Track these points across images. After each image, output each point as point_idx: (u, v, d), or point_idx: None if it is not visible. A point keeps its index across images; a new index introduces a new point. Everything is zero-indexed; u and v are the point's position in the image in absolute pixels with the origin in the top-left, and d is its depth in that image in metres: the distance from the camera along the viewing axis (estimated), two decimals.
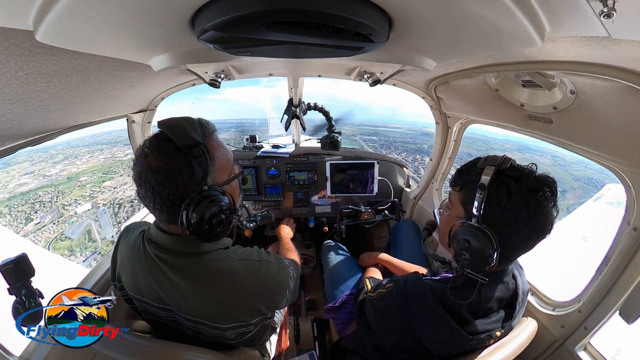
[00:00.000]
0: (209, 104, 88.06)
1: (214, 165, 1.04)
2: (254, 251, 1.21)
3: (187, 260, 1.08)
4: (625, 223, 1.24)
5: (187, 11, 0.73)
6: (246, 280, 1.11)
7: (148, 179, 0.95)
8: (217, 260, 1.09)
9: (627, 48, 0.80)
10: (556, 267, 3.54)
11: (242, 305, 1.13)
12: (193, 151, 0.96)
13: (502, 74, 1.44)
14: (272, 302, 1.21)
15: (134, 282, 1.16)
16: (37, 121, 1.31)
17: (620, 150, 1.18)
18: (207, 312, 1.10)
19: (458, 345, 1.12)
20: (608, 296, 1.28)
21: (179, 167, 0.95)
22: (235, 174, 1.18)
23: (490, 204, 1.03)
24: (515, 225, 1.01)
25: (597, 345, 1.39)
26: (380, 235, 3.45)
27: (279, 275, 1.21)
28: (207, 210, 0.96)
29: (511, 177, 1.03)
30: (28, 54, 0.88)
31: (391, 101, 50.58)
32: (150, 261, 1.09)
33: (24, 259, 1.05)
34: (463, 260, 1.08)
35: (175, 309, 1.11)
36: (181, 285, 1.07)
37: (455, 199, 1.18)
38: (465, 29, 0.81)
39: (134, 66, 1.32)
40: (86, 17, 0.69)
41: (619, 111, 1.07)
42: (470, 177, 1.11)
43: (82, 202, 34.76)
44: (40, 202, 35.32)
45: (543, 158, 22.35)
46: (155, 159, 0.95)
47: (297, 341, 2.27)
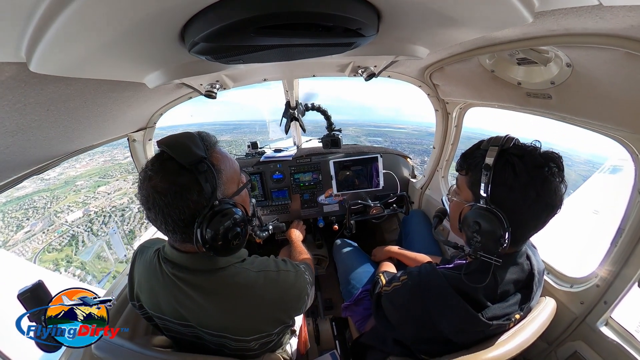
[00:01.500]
0: (213, 106, 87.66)
1: (221, 178, 1.02)
2: (271, 261, 1.20)
3: (205, 277, 1.07)
4: (636, 192, 1.23)
5: (176, 26, 0.73)
6: (266, 292, 1.11)
7: (156, 202, 0.93)
8: (235, 275, 1.09)
9: (620, 14, 0.79)
10: (570, 243, 3.51)
11: (263, 317, 1.13)
12: (198, 167, 0.93)
13: (496, 54, 1.43)
14: (293, 310, 1.21)
15: (154, 300, 1.16)
16: (40, 150, 1.32)
17: (622, 119, 1.17)
18: (229, 326, 1.10)
19: (478, 332, 1.11)
20: (625, 268, 1.26)
21: (186, 186, 0.93)
22: (244, 183, 1.16)
23: (496, 184, 1.02)
24: (524, 203, 1.00)
25: (619, 318, 1.37)
26: (391, 229, 3.44)
27: (298, 283, 1.20)
28: (221, 225, 0.95)
29: (515, 155, 1.02)
30: (24, 85, 0.89)
31: (394, 101, 50.06)
32: (168, 280, 1.09)
33: (41, 286, 1.06)
34: (475, 244, 1.07)
35: (197, 324, 1.10)
36: (201, 302, 1.07)
37: (463, 183, 1.17)
38: (454, 13, 0.81)
39: (129, 86, 1.33)
40: (76, 43, 0.70)
41: (618, 79, 1.05)
42: (475, 160, 1.11)
43: (74, 208, 33.81)
44: (34, 207, 34.68)
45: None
46: (161, 181, 0.93)
47: (317, 342, 2.27)
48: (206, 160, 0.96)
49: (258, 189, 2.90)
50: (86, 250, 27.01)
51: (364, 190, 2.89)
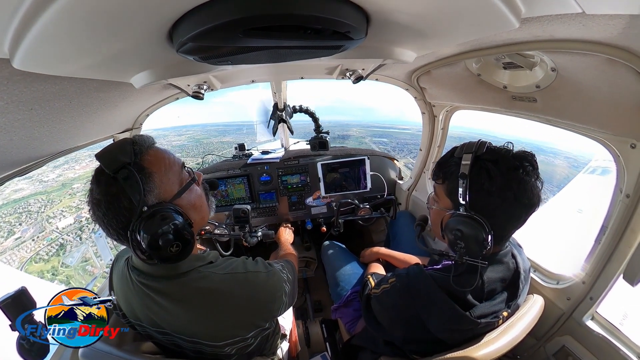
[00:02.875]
0: (215, 107, 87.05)
1: (152, 182, 0.98)
2: (240, 262, 1.15)
3: (168, 283, 1.04)
4: (618, 191, 1.26)
5: (164, 26, 0.73)
6: (232, 295, 1.07)
7: (96, 214, 0.95)
8: (199, 279, 1.05)
9: (601, 22, 0.82)
10: (556, 242, 3.58)
11: (233, 322, 1.09)
12: (120, 173, 0.92)
13: (483, 58, 1.46)
14: (267, 312, 1.17)
15: (130, 309, 1.13)
16: (23, 150, 1.29)
17: (605, 122, 1.20)
18: (199, 331, 1.07)
19: (467, 330, 1.13)
20: (609, 264, 1.30)
21: (115, 195, 0.92)
22: (186, 183, 1.10)
23: (474, 190, 1.04)
24: (503, 205, 1.03)
25: (604, 313, 1.42)
26: (378, 230, 3.46)
27: (269, 282, 1.16)
28: (153, 230, 0.91)
29: (489, 160, 1.04)
30: (7, 83, 0.86)
31: (396, 102, 50.28)
32: (137, 288, 1.07)
33: (24, 292, 1.02)
34: (460, 249, 1.09)
35: (171, 331, 1.08)
36: (170, 308, 1.04)
37: (440, 192, 1.20)
38: (442, 18, 0.82)
39: (116, 86, 1.31)
40: (62, 40, 0.68)
41: (600, 84, 1.09)
42: (450, 169, 1.13)
43: (67, 214, 32.53)
44: (28, 212, 33.38)
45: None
46: (96, 193, 0.94)
47: (308, 344, 2.27)
48: (129, 165, 0.94)
49: (245, 191, 2.88)
50: (71, 254, 26.09)
51: (351, 192, 2.90)
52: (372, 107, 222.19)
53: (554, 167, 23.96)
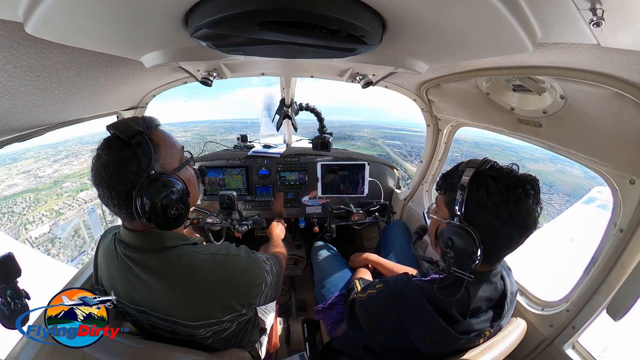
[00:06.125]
0: (224, 104, 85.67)
1: (159, 152, 1.07)
2: (223, 246, 1.20)
3: (152, 257, 1.08)
4: (612, 224, 1.26)
5: (181, 8, 0.73)
6: (212, 274, 1.11)
7: (102, 176, 0.99)
8: (181, 256, 1.09)
9: (615, 56, 0.82)
10: (545, 268, 3.60)
11: (209, 301, 1.12)
12: (135, 139, 0.99)
13: (493, 78, 1.46)
14: (244, 297, 1.20)
15: (112, 285, 1.16)
16: (25, 116, 1.28)
17: (607, 154, 1.21)
18: (176, 309, 1.10)
19: (448, 345, 1.13)
20: (595, 295, 1.30)
21: (126, 158, 0.99)
22: (187, 159, 1.20)
23: (470, 203, 1.06)
24: (497, 222, 1.03)
25: (585, 343, 1.42)
26: (370, 236, 3.46)
27: (250, 268, 1.21)
28: (157, 194, 0.98)
29: (490, 176, 1.06)
30: (17, 47, 0.86)
31: (404, 105, 50.30)
32: (121, 262, 1.10)
33: (10, 258, 1.02)
34: (449, 259, 1.10)
35: (149, 309, 1.11)
36: (150, 282, 1.07)
37: (441, 202, 1.21)
38: (458, 34, 0.82)
39: (126, 62, 1.30)
40: (78, 11, 0.68)
41: (606, 116, 1.09)
42: (452, 180, 1.15)
43: (46, 219, 29.89)
44: (12, 212, 30.93)
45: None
46: (106, 155, 1.00)
47: (287, 342, 2.27)
48: (143, 134, 1.02)
49: (243, 183, 2.88)
50: (62, 226, 25.09)
51: (348, 196, 2.90)
52: (381, 108, 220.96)
53: (572, 178, 23.94)
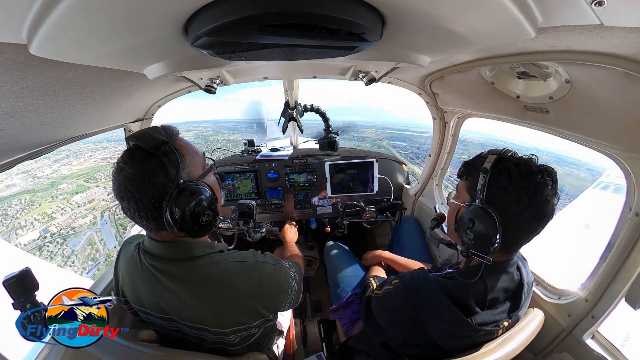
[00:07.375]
0: (227, 104, 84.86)
1: (184, 161, 1.06)
2: (250, 253, 1.21)
3: (180, 266, 1.08)
4: (627, 209, 1.24)
5: (180, 19, 0.73)
6: (242, 281, 1.12)
7: (127, 189, 0.97)
8: (210, 265, 1.10)
9: (620, 35, 0.80)
10: (560, 256, 3.54)
11: (240, 308, 1.13)
12: (161, 150, 0.99)
13: (497, 66, 1.44)
14: (271, 303, 1.20)
15: (136, 295, 1.17)
16: (35, 134, 1.31)
17: (617, 137, 1.18)
18: (207, 317, 1.10)
19: (467, 337, 1.13)
20: (613, 283, 1.28)
21: (152, 169, 0.98)
22: (210, 166, 1.20)
23: (492, 187, 1.07)
24: (517, 206, 1.04)
25: (606, 333, 1.39)
26: (382, 234, 3.44)
27: (277, 275, 1.21)
28: (188, 202, 0.98)
29: (512, 162, 1.08)
30: (23, 68, 0.88)
31: (410, 105, 49.42)
32: (147, 272, 1.10)
33: (28, 273, 1.04)
34: (468, 241, 1.11)
35: (176, 317, 1.11)
36: (178, 292, 1.08)
37: (462, 188, 1.22)
38: (458, 24, 0.82)
39: (129, 75, 1.32)
40: (79, 28, 0.69)
41: (614, 98, 1.07)
42: (474, 166, 1.16)
43: (38, 224, 29.14)
44: (5, 215, 30.17)
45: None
46: (130, 168, 0.98)
47: (304, 343, 2.27)
48: (168, 144, 1.01)
49: (252, 187, 2.89)
50: (76, 240, 25.07)
51: (358, 194, 2.89)
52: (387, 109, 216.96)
53: (579, 180, 23.60)
